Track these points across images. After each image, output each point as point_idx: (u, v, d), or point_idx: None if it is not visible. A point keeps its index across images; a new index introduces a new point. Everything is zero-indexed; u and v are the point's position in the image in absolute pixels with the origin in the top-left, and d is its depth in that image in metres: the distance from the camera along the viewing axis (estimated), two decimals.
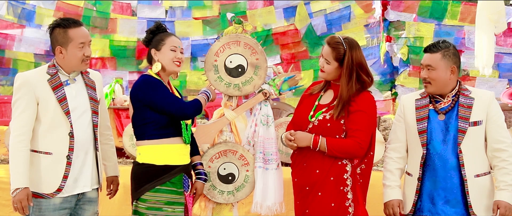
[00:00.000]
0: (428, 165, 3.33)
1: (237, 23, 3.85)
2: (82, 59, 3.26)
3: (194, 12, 9.42)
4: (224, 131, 3.86)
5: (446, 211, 3.28)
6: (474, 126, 3.28)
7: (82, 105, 3.29)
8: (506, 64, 8.59)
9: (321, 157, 3.33)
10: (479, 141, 3.31)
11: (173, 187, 3.33)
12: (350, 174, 3.32)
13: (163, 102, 3.31)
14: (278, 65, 4.17)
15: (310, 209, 3.35)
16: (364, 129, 3.29)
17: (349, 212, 3.30)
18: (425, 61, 3.36)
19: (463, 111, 3.30)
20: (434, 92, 3.36)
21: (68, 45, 3.24)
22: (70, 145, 3.20)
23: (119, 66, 9.37)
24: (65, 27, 3.24)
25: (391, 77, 8.89)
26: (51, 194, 3.18)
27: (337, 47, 3.35)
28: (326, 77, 3.44)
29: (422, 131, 3.33)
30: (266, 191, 3.71)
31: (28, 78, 3.22)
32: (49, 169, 3.19)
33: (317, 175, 3.33)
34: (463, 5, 8.36)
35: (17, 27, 9.17)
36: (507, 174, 3.26)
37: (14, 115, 3.22)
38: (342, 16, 8.88)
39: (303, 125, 3.43)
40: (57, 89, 3.22)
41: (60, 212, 3.23)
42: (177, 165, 3.34)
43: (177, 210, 3.34)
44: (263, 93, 3.80)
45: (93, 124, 3.32)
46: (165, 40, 3.42)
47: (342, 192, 3.30)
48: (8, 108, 7.34)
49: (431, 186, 3.32)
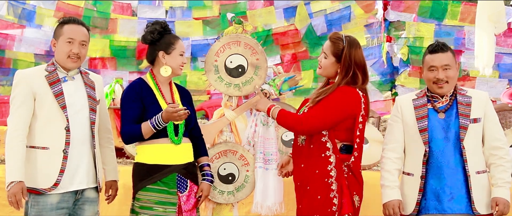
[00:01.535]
0: (431, 163, 3.35)
1: (237, 23, 3.85)
2: (68, 55, 3.28)
3: (194, 12, 9.42)
4: (224, 131, 3.86)
5: (453, 207, 3.30)
6: (474, 123, 3.33)
7: (79, 101, 3.30)
8: (506, 64, 8.58)
9: (306, 152, 3.35)
10: (478, 138, 3.36)
11: (165, 187, 3.34)
12: (334, 166, 3.31)
13: (121, 114, 3.41)
14: (278, 65, 4.17)
15: (302, 204, 3.38)
16: (318, 111, 3.31)
17: (334, 203, 3.28)
18: (442, 61, 3.36)
19: (463, 109, 3.35)
20: (447, 92, 3.39)
21: (59, 39, 3.31)
22: (66, 139, 3.22)
23: (119, 66, 9.37)
24: (63, 22, 3.33)
25: (391, 77, 8.88)
26: (48, 189, 3.18)
27: (337, 42, 3.37)
28: (322, 72, 3.45)
29: (423, 129, 3.35)
30: (266, 191, 3.72)
31: (26, 74, 3.27)
32: (45, 164, 3.21)
33: (303, 169, 3.36)
34: (463, 5, 8.36)
35: (17, 27, 9.16)
36: (504, 171, 3.32)
37: (11, 111, 3.25)
38: (342, 16, 8.87)
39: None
40: (54, 85, 3.25)
41: (57, 212, 3.23)
42: (168, 164, 3.34)
43: (168, 210, 3.34)
44: (263, 93, 3.80)
45: (91, 121, 3.32)
46: (175, 45, 3.44)
47: (327, 184, 3.30)
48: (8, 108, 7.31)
49: (435, 184, 3.33)
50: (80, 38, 3.29)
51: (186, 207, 3.41)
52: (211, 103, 7.86)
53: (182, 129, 3.41)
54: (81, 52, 3.30)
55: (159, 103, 3.38)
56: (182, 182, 3.40)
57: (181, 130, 3.40)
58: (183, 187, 3.41)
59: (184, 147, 3.44)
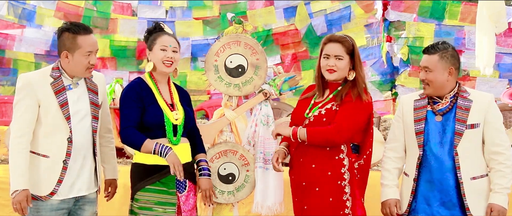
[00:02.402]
0: (424, 167, 3.33)
1: (237, 23, 3.85)
2: (87, 67, 3.24)
3: (194, 12, 9.43)
4: (224, 131, 3.86)
5: (442, 212, 3.27)
6: (471, 129, 3.26)
7: (82, 109, 3.27)
8: (506, 64, 8.59)
9: (317, 152, 3.32)
10: (476, 143, 3.29)
11: (164, 187, 3.33)
12: (347, 168, 3.31)
13: (120, 114, 3.38)
14: (278, 65, 4.17)
15: (308, 205, 3.35)
16: (349, 118, 3.26)
17: (347, 206, 3.29)
18: (423, 62, 3.35)
19: (461, 113, 3.29)
20: (432, 93, 3.36)
21: (75, 52, 3.20)
22: (67, 150, 3.19)
23: (119, 66, 9.38)
24: (74, 33, 3.20)
25: (391, 77, 8.89)
26: (44, 197, 3.18)
27: (346, 41, 3.35)
28: (339, 75, 3.36)
29: (419, 132, 3.33)
30: (267, 191, 3.72)
31: (31, 80, 3.20)
32: (46, 172, 3.19)
33: (314, 170, 3.32)
34: (463, 5, 8.37)
35: (18, 27, 9.17)
36: (503, 177, 3.25)
37: (15, 116, 3.21)
38: (342, 16, 8.88)
39: (299, 122, 3.41)
40: (59, 94, 3.20)
41: (57, 213, 3.23)
42: (167, 165, 3.30)
43: (168, 210, 3.33)
44: (263, 93, 3.80)
45: (93, 129, 3.30)
46: (156, 40, 3.41)
47: (340, 187, 3.30)
48: (8, 108, 7.33)
49: (426, 188, 3.31)
50: (96, 48, 3.25)
51: (186, 207, 3.39)
52: (211, 103, 7.87)
53: (181, 130, 3.40)
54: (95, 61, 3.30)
55: (158, 103, 3.38)
56: (181, 182, 3.38)
57: (179, 130, 3.40)
58: (182, 187, 3.40)
59: (183, 147, 3.42)
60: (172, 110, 3.38)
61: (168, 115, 3.35)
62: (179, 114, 3.39)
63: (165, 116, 3.34)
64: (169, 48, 3.38)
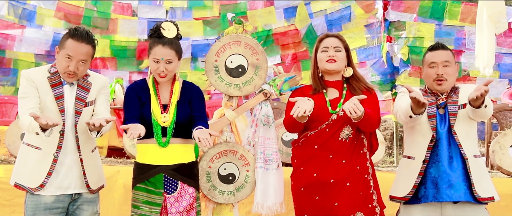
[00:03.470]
0: (433, 151, 3.39)
1: (238, 23, 3.85)
2: (64, 70, 3.27)
3: (194, 12, 9.43)
4: (225, 131, 3.86)
5: (451, 195, 3.32)
6: (464, 109, 3.38)
7: (70, 106, 3.31)
8: (506, 64, 8.59)
9: (350, 148, 3.39)
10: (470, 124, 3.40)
11: (151, 187, 3.36)
12: (369, 162, 3.44)
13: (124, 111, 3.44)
14: (279, 65, 4.17)
15: (340, 201, 3.33)
16: (377, 109, 3.46)
17: (373, 199, 3.39)
18: (442, 57, 3.45)
19: (451, 97, 3.43)
20: (447, 89, 3.45)
21: (60, 50, 3.29)
22: (59, 143, 3.25)
23: (119, 66, 9.39)
24: (70, 34, 3.26)
25: (391, 77, 8.88)
26: (34, 189, 3.22)
27: (341, 37, 3.57)
28: (338, 66, 3.51)
29: (432, 115, 3.41)
30: (267, 191, 3.72)
31: (31, 75, 3.29)
32: (36, 164, 3.25)
33: (344, 165, 3.37)
34: (463, 5, 8.36)
35: (18, 27, 9.18)
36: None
37: (20, 104, 3.27)
38: (343, 16, 8.88)
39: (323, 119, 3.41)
40: (55, 87, 3.28)
41: (52, 211, 3.26)
42: (155, 164, 3.35)
43: (154, 210, 3.34)
44: (263, 93, 3.81)
45: (74, 124, 3.31)
46: (151, 49, 3.40)
47: (366, 180, 3.40)
48: (8, 108, 7.35)
49: (434, 172, 3.37)
50: (79, 57, 3.25)
51: (175, 209, 3.35)
52: (211, 103, 7.86)
53: (170, 131, 3.38)
54: (78, 70, 3.27)
55: (150, 103, 3.39)
56: (170, 183, 3.38)
57: (169, 132, 3.38)
58: (172, 189, 3.38)
59: (175, 148, 3.40)
60: (162, 112, 3.38)
61: (156, 117, 3.36)
62: (169, 116, 3.37)
63: (153, 118, 3.36)
64: (162, 61, 3.35)
